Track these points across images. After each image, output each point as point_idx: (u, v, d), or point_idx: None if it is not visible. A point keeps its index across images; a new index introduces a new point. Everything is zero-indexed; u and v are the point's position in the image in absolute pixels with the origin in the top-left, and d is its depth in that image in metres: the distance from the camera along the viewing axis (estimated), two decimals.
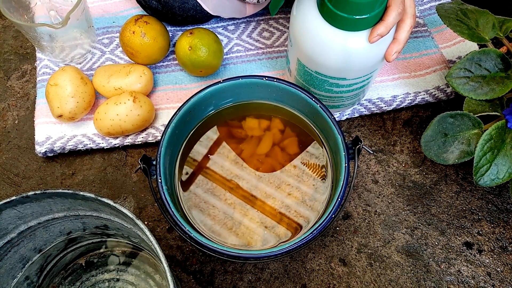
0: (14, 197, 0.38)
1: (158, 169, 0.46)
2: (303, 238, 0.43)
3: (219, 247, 0.43)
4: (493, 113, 0.49)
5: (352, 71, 0.47)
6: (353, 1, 0.40)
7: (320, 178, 0.53)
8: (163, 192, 0.45)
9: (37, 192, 0.38)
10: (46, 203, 0.41)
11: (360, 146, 0.47)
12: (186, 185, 0.53)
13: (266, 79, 0.51)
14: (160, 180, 0.46)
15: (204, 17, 0.64)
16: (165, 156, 0.48)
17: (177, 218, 0.44)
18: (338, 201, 0.44)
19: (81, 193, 0.38)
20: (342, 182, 0.45)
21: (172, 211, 0.44)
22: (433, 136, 0.49)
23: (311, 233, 0.43)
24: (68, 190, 0.38)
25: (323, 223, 0.43)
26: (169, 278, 0.35)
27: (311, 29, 0.45)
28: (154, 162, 0.47)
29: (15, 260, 0.45)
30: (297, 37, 0.47)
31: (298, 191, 0.52)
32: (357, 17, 0.42)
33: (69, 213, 0.43)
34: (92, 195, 0.38)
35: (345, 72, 0.47)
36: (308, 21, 0.45)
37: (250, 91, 0.54)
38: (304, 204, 0.52)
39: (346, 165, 0.46)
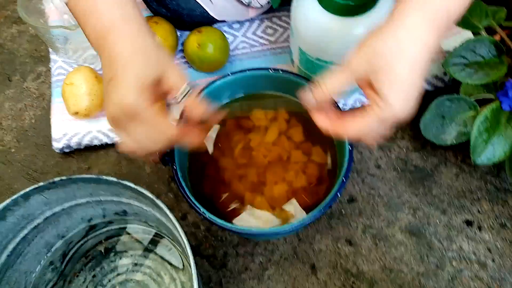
0: (42, 183, 0.41)
1: (173, 156, 0.49)
2: (311, 216, 0.46)
3: (233, 226, 0.46)
4: (488, 96, 0.52)
5: None
6: None
7: (325, 163, 0.55)
8: (179, 179, 0.48)
9: (63, 178, 0.41)
10: (71, 189, 0.44)
11: None
12: (198, 174, 0.56)
13: (271, 71, 0.54)
14: (175, 167, 0.49)
15: (210, 22, 0.68)
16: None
17: (191, 200, 0.46)
18: (343, 182, 0.47)
19: (104, 177, 0.41)
20: (345, 165, 0.48)
21: (186, 193, 0.47)
22: (432, 118, 0.51)
23: (319, 209, 0.46)
24: (92, 175, 0.41)
25: (329, 200, 0.46)
26: (189, 250, 0.38)
27: (310, 17, 0.48)
28: (169, 150, 0.50)
29: (41, 246, 0.48)
30: (298, 26, 0.50)
31: (305, 176, 0.55)
32: (352, 3, 0.45)
33: (91, 198, 0.46)
34: (115, 179, 0.41)
35: (331, 54, 0.50)
36: (307, 9, 0.48)
37: (257, 83, 0.56)
38: (310, 188, 0.54)
39: (349, 148, 0.49)
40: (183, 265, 0.54)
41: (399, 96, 0.36)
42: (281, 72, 0.54)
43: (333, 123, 0.41)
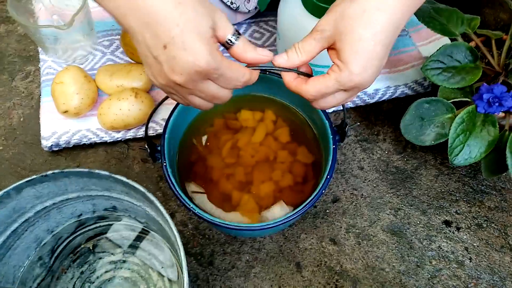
0: (34, 176, 0.42)
1: (163, 152, 0.50)
2: (298, 211, 0.47)
3: (223, 222, 0.47)
4: (465, 99, 0.54)
5: None
6: None
7: (310, 163, 0.57)
8: (169, 175, 0.49)
9: (55, 171, 0.42)
10: (62, 183, 0.44)
11: (346, 128, 0.52)
12: (186, 172, 0.57)
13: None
14: (165, 163, 0.50)
15: None
16: (169, 142, 0.52)
17: (180, 195, 0.47)
18: (327, 179, 0.49)
19: (96, 171, 0.42)
20: (329, 163, 0.50)
21: (175, 188, 0.48)
22: (411, 120, 0.54)
23: (305, 205, 0.47)
24: (84, 169, 0.42)
25: (315, 196, 0.48)
26: (179, 243, 0.39)
27: (296, 20, 0.50)
28: (159, 148, 0.51)
29: (30, 240, 0.49)
30: (284, 30, 0.52)
31: (291, 176, 0.57)
32: None
33: (82, 193, 0.47)
34: (107, 173, 0.42)
35: (328, 59, 0.52)
36: (293, 13, 0.50)
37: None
38: (297, 187, 0.56)
39: (333, 147, 0.51)
40: (172, 262, 0.55)
41: (359, 62, 0.37)
42: (267, 73, 0.55)
43: (297, 82, 0.42)
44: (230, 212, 0.54)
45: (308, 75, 0.42)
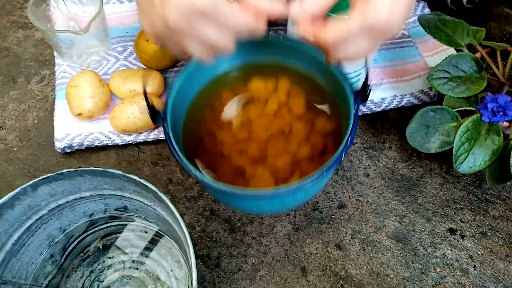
0: (50, 174, 0.43)
1: (165, 115, 0.46)
2: (321, 170, 0.42)
3: (239, 191, 0.42)
4: (470, 108, 0.56)
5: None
6: None
7: (330, 132, 0.53)
8: (170, 137, 0.44)
9: (70, 169, 0.44)
10: (77, 182, 0.46)
11: (368, 91, 0.45)
12: (195, 148, 0.52)
13: (272, 37, 0.50)
14: (166, 124, 0.45)
15: None
16: (173, 109, 0.47)
17: (182, 160, 0.43)
18: (349, 139, 0.44)
19: (110, 170, 0.44)
20: (350, 126, 0.44)
21: (177, 153, 0.43)
22: (417, 128, 0.55)
23: (329, 166, 0.42)
24: (98, 168, 0.44)
25: (339, 156, 0.43)
26: (189, 241, 0.40)
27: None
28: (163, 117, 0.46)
29: (43, 237, 0.50)
30: None
31: (308, 147, 0.52)
32: (332, 14, 0.47)
33: (95, 192, 0.48)
34: (120, 172, 0.43)
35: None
36: None
37: (256, 50, 0.53)
38: (314, 158, 0.52)
39: (354, 112, 0.45)
40: (180, 263, 0.56)
41: (386, 2, 0.33)
42: (282, 37, 0.51)
43: (315, 28, 0.37)
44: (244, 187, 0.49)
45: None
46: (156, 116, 0.46)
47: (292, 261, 0.60)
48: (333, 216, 0.63)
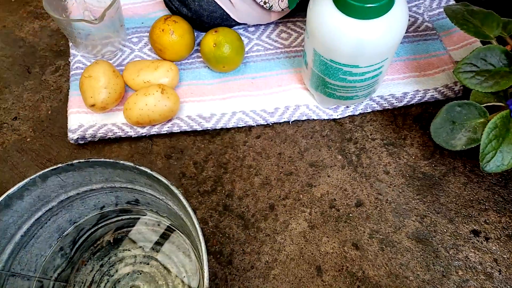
0: (60, 164, 0.42)
1: None
2: None
3: None
4: (498, 103, 0.53)
5: (364, 58, 0.51)
6: None
7: None
8: None
9: (81, 160, 0.42)
10: (87, 173, 0.45)
11: None
12: None
13: None
14: None
15: (229, 25, 0.69)
16: None
17: None
18: None
19: (121, 162, 0.42)
20: None
21: None
22: (442, 123, 0.52)
23: None
24: (109, 159, 0.42)
25: None
26: (201, 236, 0.38)
27: (325, 19, 0.50)
28: None
29: (53, 230, 0.49)
30: (313, 28, 0.52)
31: None
32: (368, 5, 0.46)
33: (106, 184, 0.47)
34: (131, 164, 0.42)
35: (358, 59, 0.51)
36: (323, 11, 0.49)
37: None
38: None
39: None
40: (191, 259, 0.54)
41: None
42: None
43: None
44: None
45: None
46: None
47: (307, 260, 0.58)
48: (350, 215, 0.61)
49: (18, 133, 0.68)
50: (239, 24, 0.69)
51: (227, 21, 0.67)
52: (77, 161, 0.42)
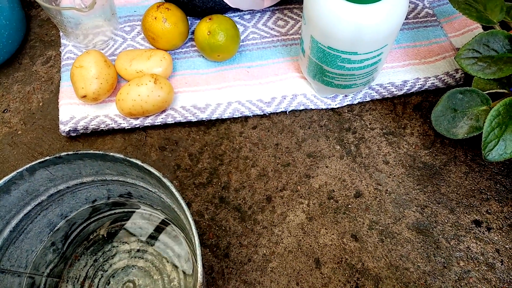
0: (48, 157, 0.41)
1: None
2: None
3: None
4: (501, 90, 0.51)
5: (363, 45, 0.50)
6: None
7: None
8: None
9: (69, 152, 0.41)
10: (77, 166, 0.43)
11: None
12: None
13: None
14: None
15: (222, 9, 0.67)
16: None
17: None
18: None
19: (111, 153, 0.41)
20: None
21: None
22: (443, 111, 0.51)
23: None
24: (99, 151, 0.41)
25: None
26: (194, 230, 0.37)
27: (323, 3, 0.48)
28: None
29: (43, 224, 0.48)
30: (311, 14, 0.50)
31: None
32: None
33: (97, 177, 0.46)
34: (121, 156, 0.40)
35: (356, 45, 0.50)
36: None
37: None
38: None
39: None
40: (187, 254, 0.53)
41: None
42: None
43: None
44: None
45: None
46: None
47: (305, 253, 0.57)
48: (349, 206, 0.59)
49: (8, 126, 0.66)
50: (232, 9, 0.67)
51: (219, 5, 0.65)
52: (65, 153, 0.41)
